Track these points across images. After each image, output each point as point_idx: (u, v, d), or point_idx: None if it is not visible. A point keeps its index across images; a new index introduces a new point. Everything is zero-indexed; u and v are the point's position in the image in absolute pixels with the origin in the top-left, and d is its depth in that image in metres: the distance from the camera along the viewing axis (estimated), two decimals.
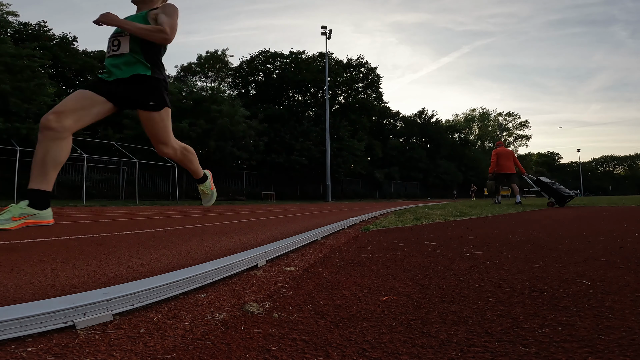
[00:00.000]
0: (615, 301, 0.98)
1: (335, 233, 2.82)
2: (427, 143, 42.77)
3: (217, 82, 26.93)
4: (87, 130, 15.72)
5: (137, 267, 1.49)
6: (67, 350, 0.70)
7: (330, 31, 23.84)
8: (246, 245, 2.14)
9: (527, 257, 1.67)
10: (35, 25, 21.00)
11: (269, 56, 29.58)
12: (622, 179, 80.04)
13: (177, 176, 15.71)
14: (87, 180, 13.41)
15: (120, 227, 3.37)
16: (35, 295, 1.07)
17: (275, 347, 0.72)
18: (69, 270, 1.41)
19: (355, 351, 0.70)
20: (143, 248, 2.01)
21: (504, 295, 1.06)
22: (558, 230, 2.84)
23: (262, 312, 0.94)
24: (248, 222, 4.09)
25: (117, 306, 0.89)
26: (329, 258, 1.73)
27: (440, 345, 0.72)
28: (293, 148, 23.22)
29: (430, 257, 1.70)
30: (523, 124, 62.50)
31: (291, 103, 30.37)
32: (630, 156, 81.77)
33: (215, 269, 1.25)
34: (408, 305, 0.99)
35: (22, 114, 12.66)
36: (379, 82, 33.64)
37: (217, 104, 18.21)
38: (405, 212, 6.17)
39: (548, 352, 0.68)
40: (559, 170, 75.60)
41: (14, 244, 2.10)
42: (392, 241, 2.30)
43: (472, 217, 4.78)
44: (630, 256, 1.64)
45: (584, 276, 1.27)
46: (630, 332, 0.76)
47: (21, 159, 11.17)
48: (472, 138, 55.99)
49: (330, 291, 1.14)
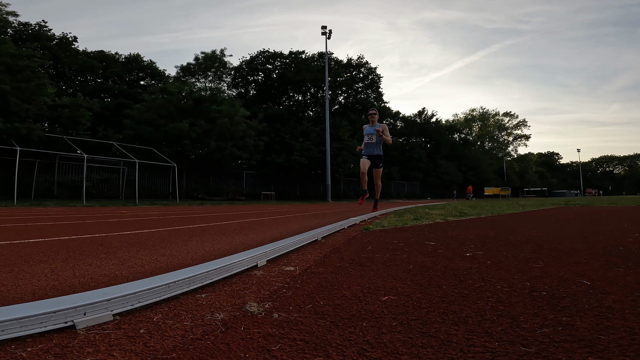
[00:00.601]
0: (615, 301, 0.98)
1: (335, 233, 2.82)
2: (427, 143, 42.78)
3: (215, 82, 26.91)
4: (87, 131, 15.74)
5: (137, 267, 1.49)
6: (67, 350, 0.70)
7: (330, 31, 23.87)
8: (246, 245, 2.14)
9: (527, 257, 1.67)
10: (35, 25, 21.01)
11: (268, 56, 29.59)
12: (622, 179, 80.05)
13: (177, 176, 15.71)
14: (87, 180, 13.40)
15: (120, 227, 3.37)
16: (35, 295, 1.07)
17: (275, 347, 0.72)
18: (69, 270, 1.41)
19: (355, 351, 0.70)
20: (143, 248, 2.01)
21: (504, 295, 1.06)
22: (558, 230, 2.84)
23: (262, 312, 0.94)
24: (248, 222, 4.09)
25: (117, 306, 0.89)
26: (329, 258, 1.73)
27: (440, 345, 0.72)
28: (293, 148, 23.23)
29: (430, 257, 1.70)
30: (522, 123, 62.54)
31: (291, 103, 30.38)
32: (630, 156, 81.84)
33: (215, 269, 1.25)
34: (408, 305, 0.99)
35: (22, 114, 12.66)
36: (379, 82, 33.67)
37: (217, 104, 18.22)
38: (405, 212, 6.17)
39: (548, 352, 0.68)
40: (559, 170, 75.62)
41: (15, 243, 2.10)
42: (392, 241, 2.30)
43: (472, 217, 4.78)
44: (630, 256, 1.64)
45: (584, 276, 1.27)
46: (630, 332, 0.76)
47: (21, 159, 11.16)
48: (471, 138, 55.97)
49: (330, 291, 1.14)
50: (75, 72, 23.17)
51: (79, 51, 22.80)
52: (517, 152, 63.47)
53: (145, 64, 26.75)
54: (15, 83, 12.36)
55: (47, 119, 14.72)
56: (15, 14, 17.18)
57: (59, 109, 14.51)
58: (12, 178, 10.87)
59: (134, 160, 14.04)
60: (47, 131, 14.22)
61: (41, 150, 12.41)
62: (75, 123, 14.91)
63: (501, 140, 61.90)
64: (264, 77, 30.24)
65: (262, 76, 30.34)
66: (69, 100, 15.15)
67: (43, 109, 13.57)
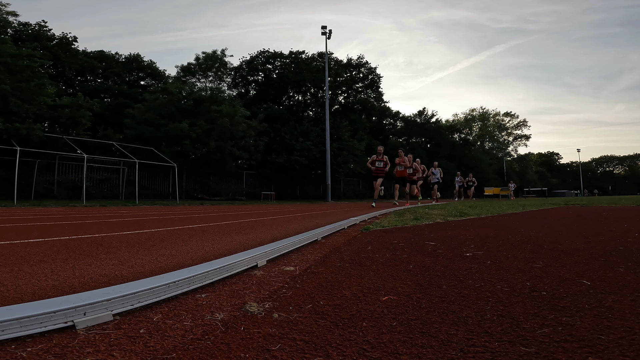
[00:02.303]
0: (615, 301, 0.98)
1: (335, 233, 2.82)
2: (427, 143, 42.77)
3: (215, 82, 26.89)
4: (87, 131, 15.73)
5: (137, 267, 1.49)
6: (67, 350, 0.70)
7: (330, 31, 23.84)
8: (246, 245, 2.14)
9: (527, 257, 1.67)
10: (35, 25, 21.00)
11: (268, 56, 29.57)
12: (622, 179, 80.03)
13: (177, 176, 15.70)
14: (87, 180, 13.39)
15: (120, 227, 3.37)
16: (35, 295, 1.07)
17: (275, 347, 0.72)
18: (69, 270, 1.41)
19: (355, 351, 0.70)
20: (143, 248, 2.01)
21: (504, 295, 1.06)
22: (558, 230, 2.84)
23: (262, 312, 0.94)
24: (248, 222, 4.09)
25: (117, 306, 0.89)
26: (329, 258, 1.73)
27: (440, 345, 0.72)
28: (293, 148, 23.21)
29: (430, 257, 1.70)
30: (522, 123, 62.50)
31: (291, 103, 30.36)
32: (630, 156, 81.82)
33: (215, 269, 1.25)
34: (408, 305, 0.99)
35: (22, 114, 12.64)
36: (379, 82, 33.64)
37: (217, 104, 18.21)
38: (405, 212, 6.17)
39: (548, 352, 0.68)
40: (559, 170, 75.57)
41: (15, 243, 2.10)
42: (392, 241, 2.30)
43: (472, 217, 4.78)
44: (630, 256, 1.64)
45: (584, 276, 1.27)
46: (630, 332, 0.76)
47: (21, 159, 11.16)
48: (471, 138, 55.94)
49: (330, 291, 1.14)
50: (75, 72, 23.16)
51: (79, 51, 22.80)
52: (517, 152, 63.48)
53: (146, 64, 26.75)
54: (15, 83, 12.35)
55: (47, 119, 14.71)
56: (15, 14, 17.18)
57: (59, 109, 14.50)
58: (12, 178, 10.87)
59: (134, 160, 14.04)
60: (47, 131, 14.23)
61: (41, 150, 12.41)
62: (75, 123, 14.91)
63: (501, 140, 61.89)
64: (264, 77, 30.23)
65: (262, 76, 30.33)
66: (69, 100, 15.15)
67: (43, 109, 13.55)
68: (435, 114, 46.09)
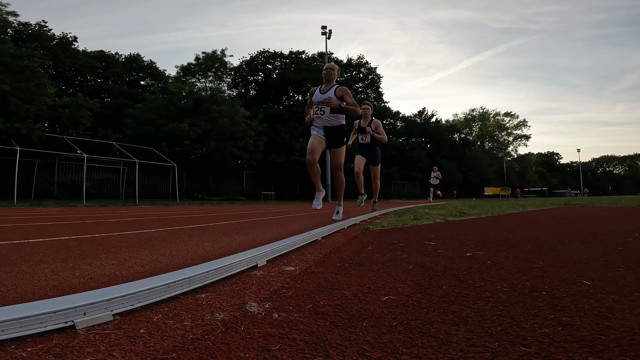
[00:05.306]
0: (615, 301, 0.98)
1: (335, 233, 2.82)
2: (427, 143, 42.79)
3: (215, 82, 26.90)
4: (87, 131, 15.74)
5: (137, 267, 1.49)
6: (67, 350, 0.70)
7: (330, 31, 23.84)
8: (246, 245, 2.14)
9: (527, 257, 1.67)
10: (35, 25, 21.00)
11: (268, 56, 29.58)
12: (622, 179, 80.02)
13: (177, 176, 15.70)
14: (87, 180, 13.40)
15: (120, 227, 3.37)
16: (35, 295, 1.07)
17: (275, 347, 0.72)
18: (69, 270, 1.41)
19: (355, 351, 0.70)
20: (143, 248, 2.01)
21: (504, 295, 1.06)
22: (558, 230, 2.84)
23: (262, 312, 0.94)
24: (248, 222, 4.09)
25: (117, 306, 0.89)
26: (329, 258, 1.73)
27: (440, 345, 0.72)
28: (293, 148, 23.21)
29: (430, 257, 1.70)
30: (522, 123, 62.49)
31: (291, 103, 30.36)
32: (630, 156, 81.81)
33: (215, 269, 1.25)
34: (408, 305, 0.99)
35: (22, 114, 12.65)
36: (379, 82, 33.66)
37: (217, 104, 18.22)
38: (405, 212, 6.17)
39: (548, 352, 0.68)
40: (559, 171, 75.56)
41: (15, 243, 2.10)
42: (392, 241, 2.30)
43: (472, 217, 4.78)
44: (630, 256, 1.64)
45: (584, 276, 1.27)
46: (630, 332, 0.76)
47: (21, 159, 11.16)
48: (471, 138, 55.94)
49: (330, 291, 1.14)
50: (75, 72, 23.18)
51: (79, 51, 22.80)
52: (517, 152, 63.49)
53: (145, 64, 26.76)
54: (15, 83, 12.36)
55: (47, 119, 14.72)
56: (15, 14, 17.18)
57: (59, 109, 14.51)
58: (12, 178, 10.87)
59: (134, 160, 14.04)
60: (47, 131, 14.23)
61: (41, 150, 12.41)
62: (75, 123, 14.92)
63: (501, 140, 61.91)
64: (264, 77, 30.24)
65: (262, 76, 30.33)
66: (69, 100, 15.16)
67: (43, 109, 13.57)
68: (435, 113, 46.12)
